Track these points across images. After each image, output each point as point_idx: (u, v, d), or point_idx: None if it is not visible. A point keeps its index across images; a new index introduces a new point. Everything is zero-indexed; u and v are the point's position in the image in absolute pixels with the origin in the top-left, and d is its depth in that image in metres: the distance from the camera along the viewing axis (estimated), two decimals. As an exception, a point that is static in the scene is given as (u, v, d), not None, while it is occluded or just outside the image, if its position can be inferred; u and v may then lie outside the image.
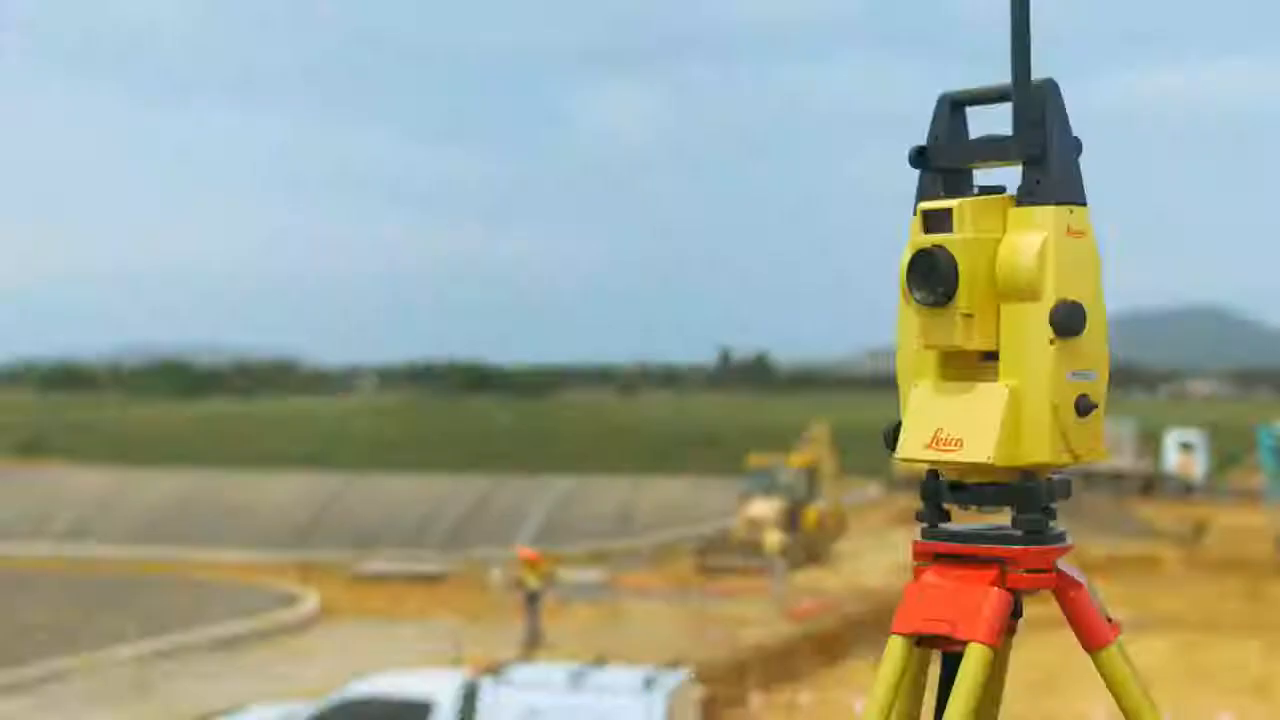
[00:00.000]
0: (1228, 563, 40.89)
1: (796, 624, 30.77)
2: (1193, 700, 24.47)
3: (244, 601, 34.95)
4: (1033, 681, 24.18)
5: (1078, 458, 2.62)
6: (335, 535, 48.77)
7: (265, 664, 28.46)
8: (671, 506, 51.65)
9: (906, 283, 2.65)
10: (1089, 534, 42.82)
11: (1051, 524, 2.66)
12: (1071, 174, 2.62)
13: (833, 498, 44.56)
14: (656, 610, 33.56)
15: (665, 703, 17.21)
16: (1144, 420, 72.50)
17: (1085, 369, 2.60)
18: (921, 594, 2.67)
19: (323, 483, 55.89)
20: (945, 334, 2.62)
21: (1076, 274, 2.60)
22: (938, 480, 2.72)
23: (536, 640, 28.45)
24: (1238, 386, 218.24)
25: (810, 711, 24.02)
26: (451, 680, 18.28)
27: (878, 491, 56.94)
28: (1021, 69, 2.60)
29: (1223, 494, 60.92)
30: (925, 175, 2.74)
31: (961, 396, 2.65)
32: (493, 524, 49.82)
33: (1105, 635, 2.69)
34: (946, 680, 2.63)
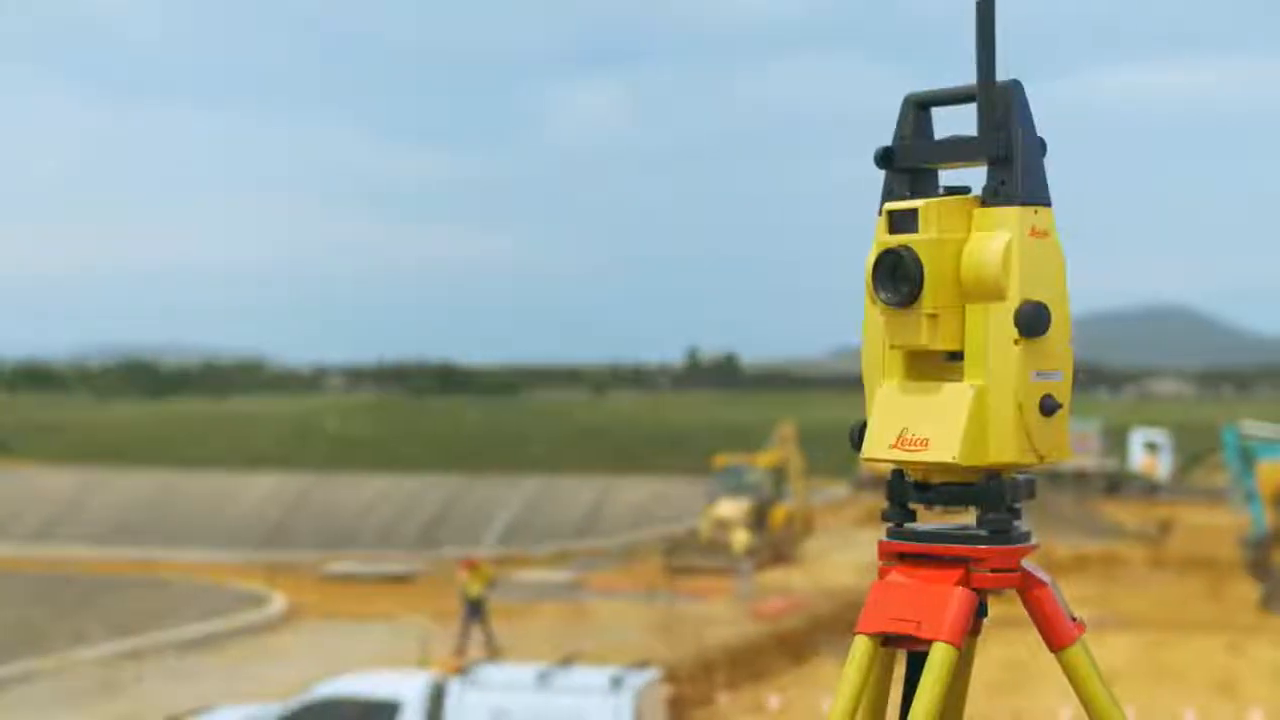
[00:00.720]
0: (1192, 562, 41.08)
1: (764, 623, 30.80)
2: (1157, 698, 24.59)
3: (212, 602, 34.85)
4: (999, 680, 24.26)
5: (1042, 458, 2.63)
6: (303, 535, 48.67)
7: (233, 664, 28.37)
8: (640, 506, 51.68)
9: (872, 283, 2.66)
10: (1055, 533, 42.98)
11: (1016, 524, 2.67)
12: (1036, 175, 2.63)
13: (800, 497, 44.62)
14: (624, 610, 33.55)
15: (633, 702, 17.21)
16: (1109, 420, 72.79)
17: (1050, 369, 2.62)
18: (886, 594, 2.68)
19: (291, 483, 55.75)
20: (910, 334, 2.63)
21: (1041, 274, 2.61)
22: (903, 480, 2.73)
23: (491, 645, 27.95)
24: (1202, 386, 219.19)
25: (777, 710, 24.05)
26: (419, 681, 18.26)
27: (845, 491, 57.05)
28: (986, 70, 2.61)
29: (1188, 493, 61.22)
30: (891, 176, 2.75)
31: (927, 396, 2.66)
32: (461, 524, 49.77)
33: (1069, 634, 2.70)
34: (912, 680, 2.64)
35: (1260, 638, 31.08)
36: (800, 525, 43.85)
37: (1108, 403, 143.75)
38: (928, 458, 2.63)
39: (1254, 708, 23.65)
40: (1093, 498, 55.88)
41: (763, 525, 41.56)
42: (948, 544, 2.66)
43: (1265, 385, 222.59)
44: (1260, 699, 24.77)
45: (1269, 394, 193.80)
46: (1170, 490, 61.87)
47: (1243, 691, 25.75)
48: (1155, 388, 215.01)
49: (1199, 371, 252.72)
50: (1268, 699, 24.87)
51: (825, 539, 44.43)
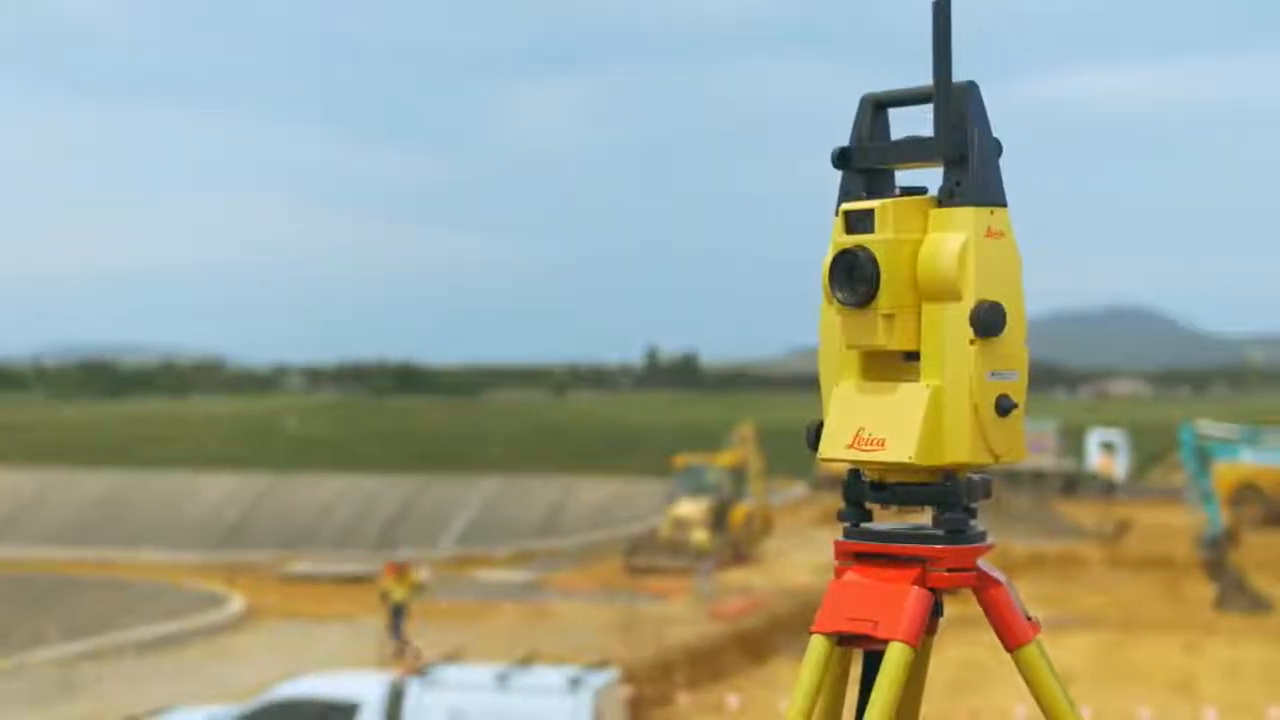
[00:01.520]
0: (1149, 562, 41.28)
1: (723, 623, 30.83)
2: (1114, 698, 24.71)
3: (171, 602, 34.68)
4: (957, 680, 24.34)
5: (998, 457, 2.64)
6: (262, 536, 48.49)
7: (192, 665, 28.25)
8: (600, 507, 51.64)
9: (829, 283, 2.67)
10: (1012, 533, 43.13)
11: (972, 523, 2.68)
12: (992, 175, 2.64)
13: (759, 497, 44.68)
14: (584, 610, 33.54)
15: (592, 702, 17.20)
16: (1067, 420, 73.08)
17: (1005, 369, 2.62)
18: (843, 593, 2.68)
19: (249, 483, 55.53)
20: (867, 334, 2.64)
21: (997, 275, 2.62)
22: (860, 480, 2.73)
23: (402, 651, 27.46)
24: (1159, 386, 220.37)
25: (736, 710, 24.07)
26: (378, 681, 18.22)
27: (804, 491, 57.15)
28: (943, 71, 2.61)
29: (1144, 493, 61.51)
30: (848, 176, 2.75)
31: (883, 396, 2.66)
32: (421, 524, 49.66)
33: (1025, 634, 2.71)
34: (868, 679, 2.65)
35: (1216, 637, 31.27)
36: (759, 525, 43.90)
37: (1065, 403, 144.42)
38: (884, 458, 2.64)
39: (1210, 707, 23.79)
40: (1050, 498, 56.08)
41: (722, 525, 41.59)
42: (904, 544, 2.67)
43: (1221, 386, 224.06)
44: (1216, 698, 24.91)
45: (1225, 394, 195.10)
46: (1127, 490, 62.16)
47: (1199, 691, 25.90)
48: (1112, 388, 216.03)
49: (1156, 372, 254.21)
50: (1223, 698, 25.02)
51: (784, 539, 44.49)
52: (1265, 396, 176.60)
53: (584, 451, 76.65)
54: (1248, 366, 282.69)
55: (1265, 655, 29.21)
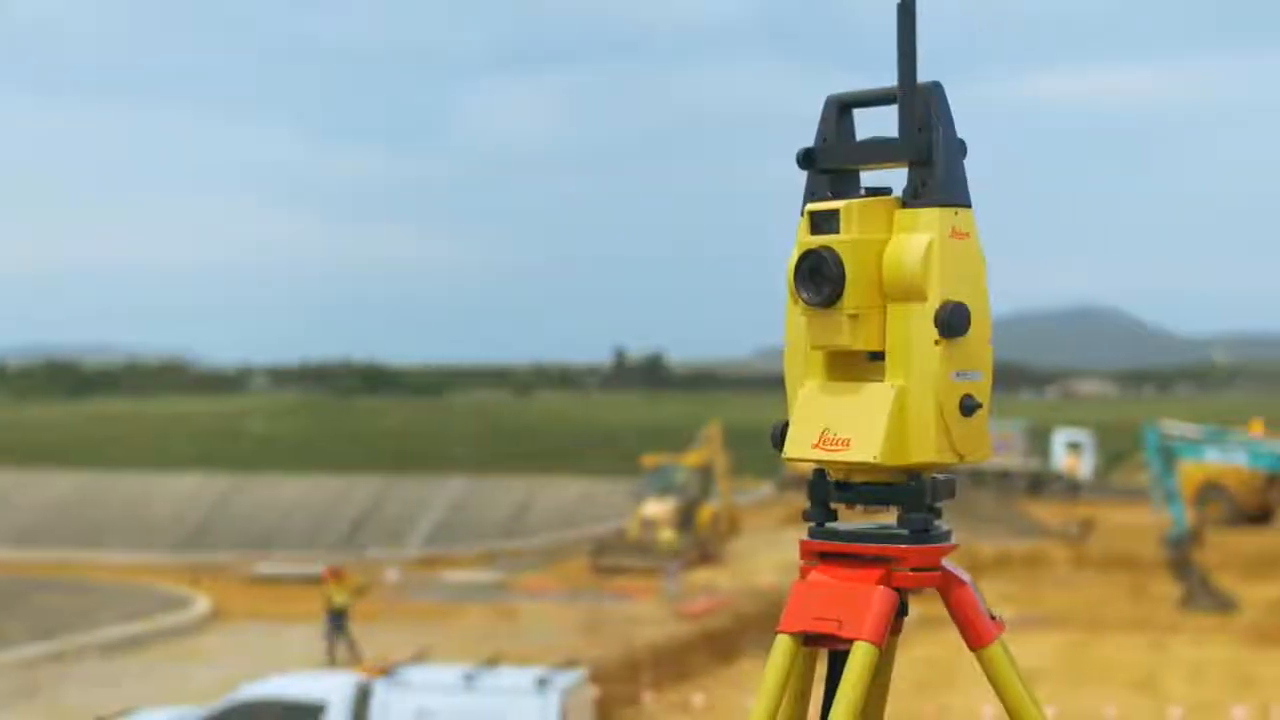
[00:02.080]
0: (1114, 561, 41.42)
1: (690, 623, 30.84)
2: (1079, 697, 24.79)
3: (135, 603, 34.53)
4: (924, 679, 24.40)
5: (962, 457, 2.64)
6: (227, 536, 48.32)
7: (156, 667, 28.13)
8: (566, 507, 51.63)
9: (794, 284, 2.67)
10: (979, 533, 43.24)
11: (937, 523, 2.68)
12: (956, 176, 2.64)
13: (726, 497, 44.71)
14: (550, 610, 33.51)
15: (559, 703, 17.19)
16: (1033, 420, 73.31)
17: (970, 369, 2.63)
18: (808, 593, 2.68)
19: (214, 484, 55.34)
20: (832, 334, 2.64)
21: (961, 275, 2.62)
22: (825, 479, 2.74)
23: (345, 656, 27.03)
24: (1125, 386, 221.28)
25: (702, 709, 24.08)
26: (344, 682, 18.17)
27: (771, 491, 57.19)
28: (907, 73, 2.62)
29: (1110, 493, 61.74)
30: (813, 177, 2.76)
31: (848, 396, 2.67)
32: (386, 525, 49.57)
33: (989, 633, 2.72)
34: (833, 679, 2.65)
35: (1181, 636, 31.40)
36: (726, 525, 43.93)
37: (1031, 403, 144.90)
38: (849, 457, 2.64)
39: (1175, 706, 23.88)
40: (1016, 497, 56.24)
41: (689, 525, 41.60)
42: (869, 543, 2.68)
43: (1186, 385, 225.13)
44: (1181, 697, 25.01)
45: (1190, 394, 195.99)
46: (1092, 490, 62.37)
47: (1164, 690, 26.00)
48: (1078, 388, 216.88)
49: (1121, 372, 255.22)
50: (1188, 697, 25.13)
51: (751, 539, 44.52)
52: (1230, 396, 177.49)
53: (551, 452, 76.61)
54: (1212, 366, 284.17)
55: (1230, 654, 29.35)
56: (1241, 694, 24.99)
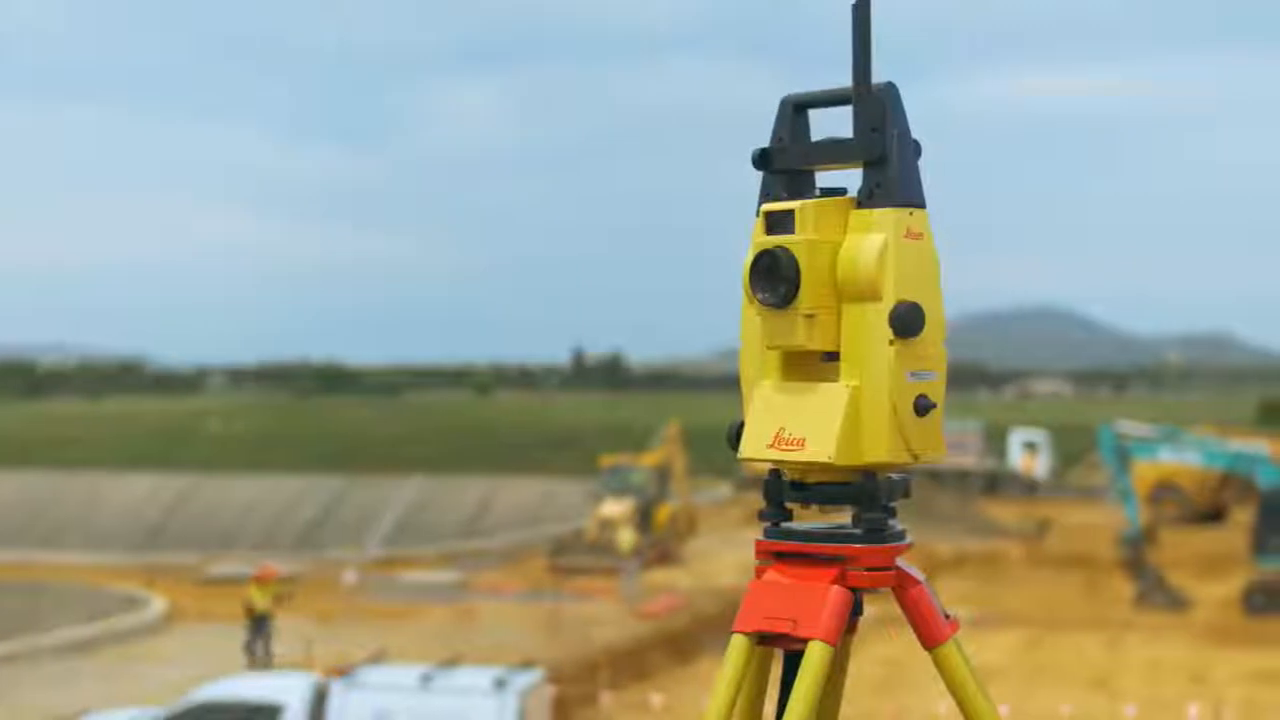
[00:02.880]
0: (1070, 559, 41.64)
1: (648, 623, 30.85)
2: (1035, 694, 24.92)
3: (89, 605, 34.31)
4: (880, 678, 24.48)
5: (917, 457, 2.65)
6: (184, 537, 48.10)
7: (111, 668, 27.97)
8: (526, 507, 51.58)
9: (749, 284, 2.67)
10: (936, 532, 43.41)
11: (891, 522, 2.69)
12: (911, 177, 2.65)
13: (684, 497, 44.73)
14: (509, 611, 33.47)
15: (517, 703, 17.18)
16: (989, 420, 73.60)
17: (924, 369, 2.64)
18: (763, 593, 2.69)
19: (170, 484, 55.08)
20: (787, 334, 2.65)
21: (916, 275, 2.63)
22: (780, 479, 2.74)
23: (265, 662, 26.36)
24: (1080, 386, 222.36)
25: (660, 708, 24.10)
26: (301, 683, 18.12)
27: (729, 491, 57.24)
28: (862, 73, 2.62)
29: (1065, 492, 62.06)
30: (768, 177, 2.76)
31: (803, 396, 2.67)
32: (345, 525, 49.43)
33: (942, 632, 2.73)
34: (788, 678, 2.66)
35: (1136, 634, 31.58)
36: (685, 525, 43.95)
37: (988, 403, 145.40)
38: (804, 457, 2.65)
39: (1129, 703, 24.02)
40: (973, 497, 56.47)
41: (647, 525, 41.61)
42: (823, 543, 2.68)
43: (1141, 385, 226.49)
44: (1135, 695, 25.15)
45: (1144, 394, 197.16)
46: (1048, 489, 62.67)
47: (1119, 688, 26.14)
48: (1034, 388, 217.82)
49: (1077, 372, 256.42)
50: (1143, 695, 25.27)
51: (709, 538, 44.56)
52: (1184, 396, 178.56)
53: (510, 452, 76.53)
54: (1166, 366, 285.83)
55: (1184, 652, 29.53)
56: (1195, 691, 25.15)
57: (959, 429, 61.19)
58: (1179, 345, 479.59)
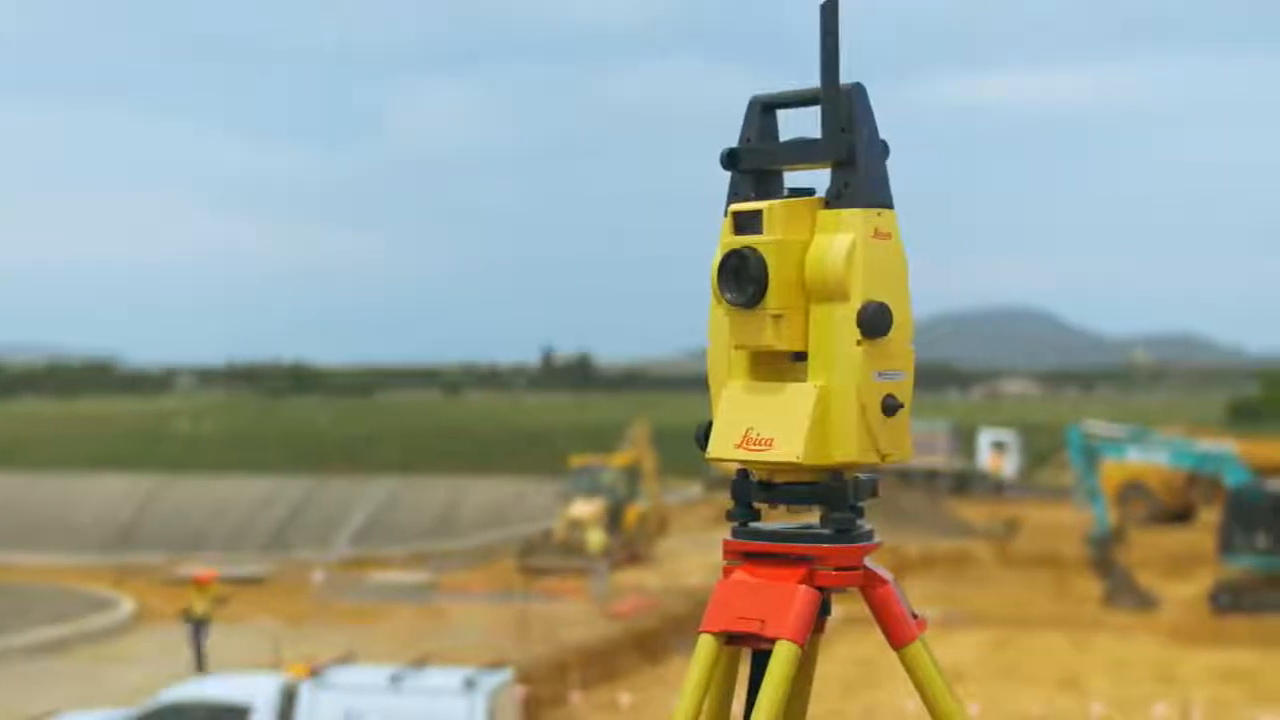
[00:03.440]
0: (1038, 559, 41.76)
1: (618, 623, 30.86)
2: (1003, 694, 25.00)
3: (59, 605, 34.18)
4: (850, 678, 24.52)
5: (885, 457, 2.66)
6: (153, 538, 47.89)
7: (80, 669, 27.86)
8: (495, 507, 51.48)
9: (717, 284, 2.68)
10: (905, 532, 43.49)
11: (859, 522, 2.69)
12: (879, 177, 2.65)
13: (654, 497, 44.73)
14: (478, 611, 33.44)
15: (486, 703, 17.17)
16: (958, 419, 73.78)
17: (892, 369, 2.64)
18: (731, 592, 2.69)
19: (140, 484, 54.84)
20: (755, 334, 2.65)
21: (883, 276, 2.63)
22: (748, 479, 2.74)
23: (203, 668, 26.03)
24: (1049, 386, 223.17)
25: (629, 708, 24.11)
26: (270, 683, 18.08)
27: (698, 491, 57.28)
28: (830, 74, 2.63)
29: (1034, 492, 62.24)
30: (737, 177, 2.76)
31: (771, 396, 2.67)
32: (314, 526, 49.27)
33: (910, 632, 2.73)
34: (756, 678, 2.66)
35: (1103, 633, 31.69)
36: (654, 525, 43.96)
37: (957, 403, 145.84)
38: (772, 457, 2.65)
39: (1097, 702, 24.12)
40: (941, 497, 56.59)
41: (617, 525, 41.60)
42: (791, 543, 2.68)
43: (1108, 385, 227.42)
44: (1103, 694, 25.26)
45: (1112, 394, 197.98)
46: (1017, 489, 62.85)
47: (1087, 687, 26.23)
48: (1003, 388, 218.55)
49: (1045, 372, 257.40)
50: (1110, 694, 25.37)
51: (679, 539, 44.59)
52: (1152, 396, 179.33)
53: (480, 452, 76.46)
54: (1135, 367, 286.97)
55: (1151, 651, 29.65)
56: (1162, 690, 25.27)
57: (928, 429, 61.33)
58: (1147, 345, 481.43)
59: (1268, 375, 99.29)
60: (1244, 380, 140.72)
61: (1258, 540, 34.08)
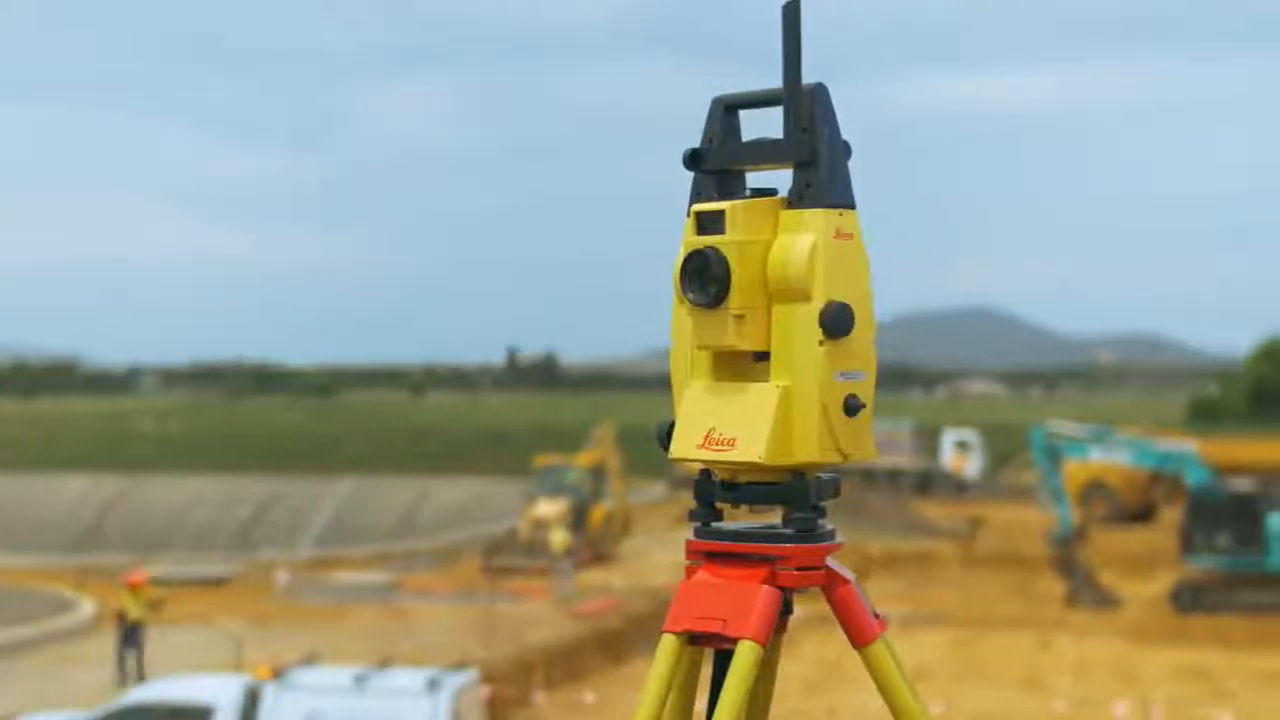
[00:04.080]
0: (1001, 559, 41.90)
1: (583, 623, 30.85)
2: (966, 693, 25.07)
3: (19, 607, 34.00)
4: (814, 678, 24.56)
5: (847, 457, 2.66)
6: (116, 539, 47.68)
7: (41, 671, 27.72)
8: (459, 507, 51.41)
9: (680, 284, 2.68)
10: (868, 532, 43.57)
11: (821, 522, 2.70)
12: (841, 177, 2.66)
13: (618, 497, 44.73)
14: (442, 611, 33.39)
15: (450, 704, 17.15)
16: (922, 419, 73.98)
17: (854, 369, 2.65)
18: (693, 592, 2.69)
19: (102, 485, 54.60)
20: (718, 334, 2.65)
21: (845, 276, 2.64)
22: (710, 479, 2.75)
23: (138, 675, 25.46)
24: (1012, 386, 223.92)
25: (593, 707, 24.11)
26: (233, 685, 18.02)
27: (663, 491, 57.30)
28: (792, 74, 2.63)
29: (997, 491, 62.43)
30: (699, 177, 2.77)
31: (734, 396, 2.68)
32: (278, 526, 49.14)
33: (872, 631, 2.74)
34: (718, 678, 2.66)
35: (1066, 633, 31.82)
36: (619, 525, 43.96)
37: (920, 402, 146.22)
38: (734, 457, 2.65)
39: (1059, 701, 24.22)
40: (905, 496, 56.74)
41: (581, 525, 41.59)
42: (753, 543, 2.69)
43: (1072, 385, 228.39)
44: (1065, 693, 25.37)
45: (1075, 394, 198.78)
46: (980, 489, 63.03)
47: (1049, 686, 26.34)
48: (967, 388, 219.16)
49: (1009, 372, 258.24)
50: (1072, 693, 25.48)
51: (643, 539, 44.60)
52: (1115, 396, 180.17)
53: (444, 452, 76.32)
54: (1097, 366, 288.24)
55: (1113, 651, 29.78)
56: (1124, 689, 25.38)
57: (891, 429, 61.50)
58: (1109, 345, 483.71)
59: (1227, 375, 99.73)
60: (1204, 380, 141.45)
61: (1219, 540, 34.27)
